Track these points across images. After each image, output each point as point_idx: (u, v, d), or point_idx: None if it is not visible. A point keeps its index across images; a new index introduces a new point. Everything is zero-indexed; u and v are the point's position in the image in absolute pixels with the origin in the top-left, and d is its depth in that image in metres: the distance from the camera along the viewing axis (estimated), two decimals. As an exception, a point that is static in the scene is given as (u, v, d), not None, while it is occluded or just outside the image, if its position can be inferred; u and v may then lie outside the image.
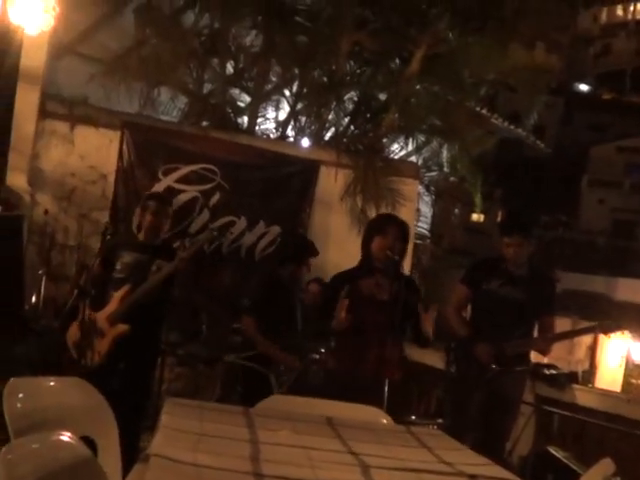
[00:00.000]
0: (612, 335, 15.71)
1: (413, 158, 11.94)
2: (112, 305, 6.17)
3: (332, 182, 10.20)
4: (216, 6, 10.26)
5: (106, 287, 6.28)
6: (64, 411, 3.61)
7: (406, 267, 6.13)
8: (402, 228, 5.91)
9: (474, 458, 3.64)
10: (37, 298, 8.48)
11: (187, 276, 6.31)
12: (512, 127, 15.64)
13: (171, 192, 9.40)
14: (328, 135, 11.46)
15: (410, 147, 11.71)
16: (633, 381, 18.81)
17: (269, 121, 11.43)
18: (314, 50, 10.56)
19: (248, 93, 11.25)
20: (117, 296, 6.18)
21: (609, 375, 18.39)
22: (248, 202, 9.82)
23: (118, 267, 6.30)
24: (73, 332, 6.10)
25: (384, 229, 5.84)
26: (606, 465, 3.77)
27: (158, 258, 6.27)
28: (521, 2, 10.79)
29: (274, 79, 11.21)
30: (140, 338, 6.13)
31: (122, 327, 6.08)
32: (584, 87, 43.75)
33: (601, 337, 16.72)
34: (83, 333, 5.94)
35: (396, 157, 11.61)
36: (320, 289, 7.90)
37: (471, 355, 6.28)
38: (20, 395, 3.44)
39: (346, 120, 11.49)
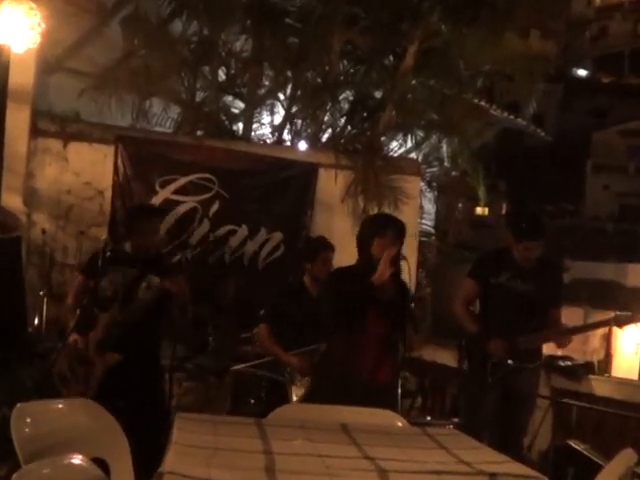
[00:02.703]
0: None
1: (413, 155, 11.93)
2: (99, 331, 5.91)
3: (332, 184, 10.19)
4: (204, 13, 10.25)
5: (92, 307, 5.95)
6: (74, 433, 3.62)
7: (411, 265, 6.10)
8: (400, 229, 5.91)
9: (493, 456, 3.64)
10: (39, 320, 8.48)
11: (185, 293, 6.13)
12: (512, 117, 15.64)
13: (169, 204, 9.41)
14: (325, 137, 11.45)
15: (409, 144, 11.68)
16: (650, 368, 18.72)
17: (264, 126, 11.41)
18: (306, 51, 10.55)
19: (242, 99, 11.24)
20: (104, 320, 5.91)
21: (625, 363, 18.29)
22: (248, 209, 9.82)
23: (104, 284, 6.00)
24: (60, 361, 5.88)
25: (383, 231, 5.82)
26: (628, 455, 3.77)
27: (149, 272, 6.01)
28: (514, -10, 10.79)
29: (267, 83, 11.19)
30: (137, 359, 5.93)
31: (112, 357, 5.87)
32: (582, 72, 43.67)
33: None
34: (69, 363, 5.78)
35: (396, 155, 11.59)
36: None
37: (484, 351, 6.28)
38: (28, 420, 3.44)
39: (342, 120, 11.47)
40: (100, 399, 5.04)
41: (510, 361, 6.24)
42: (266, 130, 11.44)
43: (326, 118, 11.40)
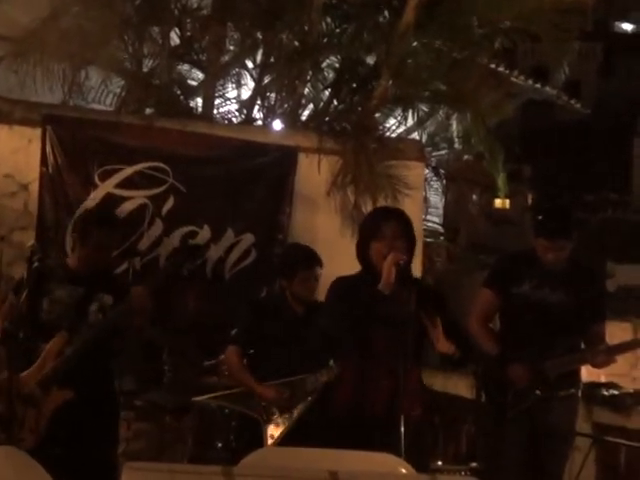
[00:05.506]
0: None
1: (415, 135, 11.98)
2: (43, 363, 5.90)
3: (315, 173, 10.21)
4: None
5: (31, 334, 5.85)
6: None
7: (416, 271, 6.14)
8: (402, 222, 5.92)
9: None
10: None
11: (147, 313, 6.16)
12: (538, 85, 15.70)
13: (112, 200, 9.41)
14: (305, 114, 11.48)
15: (410, 121, 11.74)
16: None
17: (230, 102, 11.44)
18: (280, 7, 10.57)
19: (200, 68, 11.25)
20: (49, 350, 5.92)
21: (685, 391, 18.38)
22: (211, 206, 9.81)
23: (46, 306, 6.06)
24: None
25: (379, 230, 5.83)
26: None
27: (99, 291, 6.07)
28: None
29: (232, 48, 11.20)
30: (88, 398, 5.96)
31: (63, 394, 5.88)
32: (627, 26, 43.74)
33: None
34: (6, 405, 5.71)
35: (394, 135, 11.64)
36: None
37: (505, 378, 6.32)
38: None
39: (327, 93, 11.51)
40: (42, 447, 5.10)
41: (537, 390, 6.28)
42: (232, 107, 11.45)
43: (306, 91, 11.41)
